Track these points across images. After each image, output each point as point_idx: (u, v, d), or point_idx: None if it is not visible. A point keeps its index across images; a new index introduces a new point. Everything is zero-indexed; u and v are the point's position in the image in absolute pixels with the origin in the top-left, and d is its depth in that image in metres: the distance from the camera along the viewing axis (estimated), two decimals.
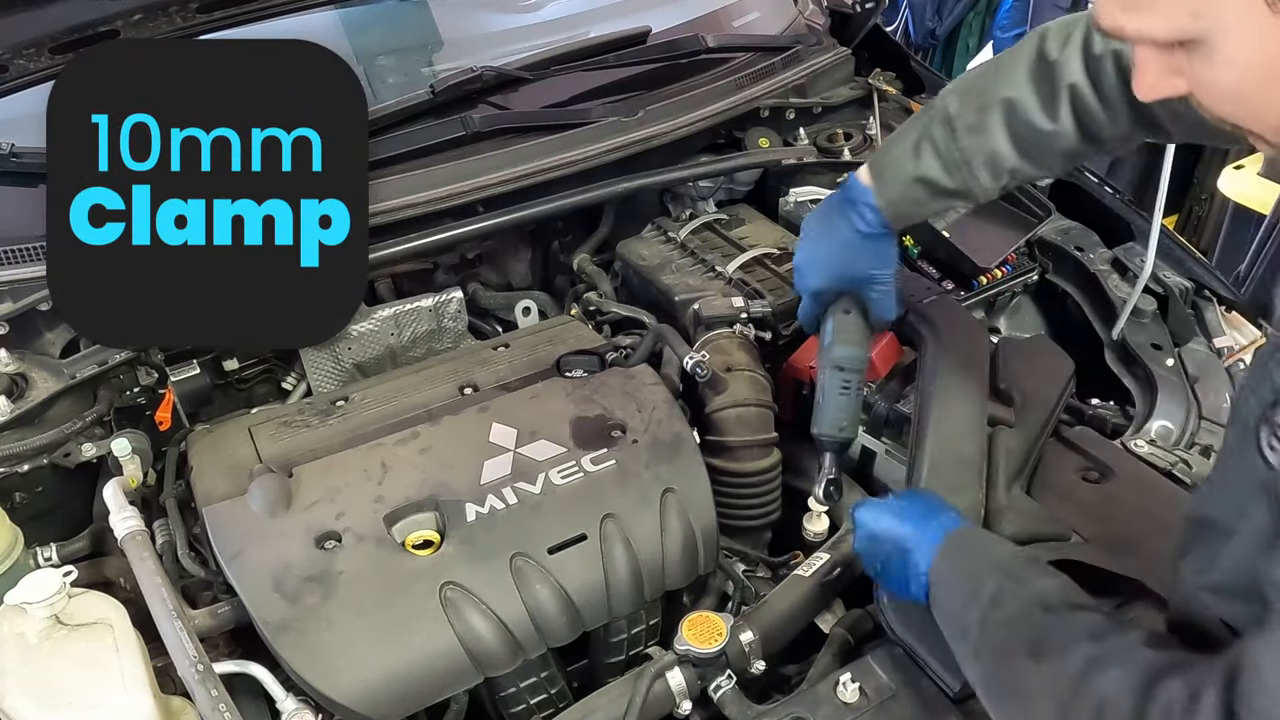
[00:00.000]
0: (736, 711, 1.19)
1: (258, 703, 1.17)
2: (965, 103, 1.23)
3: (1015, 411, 1.46)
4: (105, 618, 1.11)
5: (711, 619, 1.23)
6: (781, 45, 2.04)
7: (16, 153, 1.48)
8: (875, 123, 2.00)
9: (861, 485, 1.56)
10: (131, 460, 1.36)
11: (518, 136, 1.75)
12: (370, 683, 1.14)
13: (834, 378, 1.37)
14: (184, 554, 1.27)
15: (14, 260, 1.45)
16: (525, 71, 1.81)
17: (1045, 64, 1.19)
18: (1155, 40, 0.73)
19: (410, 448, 1.34)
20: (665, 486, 1.31)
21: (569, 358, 1.49)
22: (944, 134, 1.24)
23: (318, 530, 1.22)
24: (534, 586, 1.21)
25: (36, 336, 1.48)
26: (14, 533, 1.23)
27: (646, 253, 1.81)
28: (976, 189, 1.25)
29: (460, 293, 1.75)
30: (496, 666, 1.20)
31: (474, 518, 1.25)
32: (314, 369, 1.68)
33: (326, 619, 1.15)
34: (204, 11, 1.58)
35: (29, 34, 1.48)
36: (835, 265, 1.34)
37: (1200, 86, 0.73)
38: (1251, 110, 0.73)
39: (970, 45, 4.48)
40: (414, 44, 1.93)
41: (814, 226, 1.38)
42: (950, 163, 1.24)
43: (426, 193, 1.65)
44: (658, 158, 1.82)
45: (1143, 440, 1.47)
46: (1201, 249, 3.26)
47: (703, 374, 1.44)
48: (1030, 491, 1.38)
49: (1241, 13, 0.66)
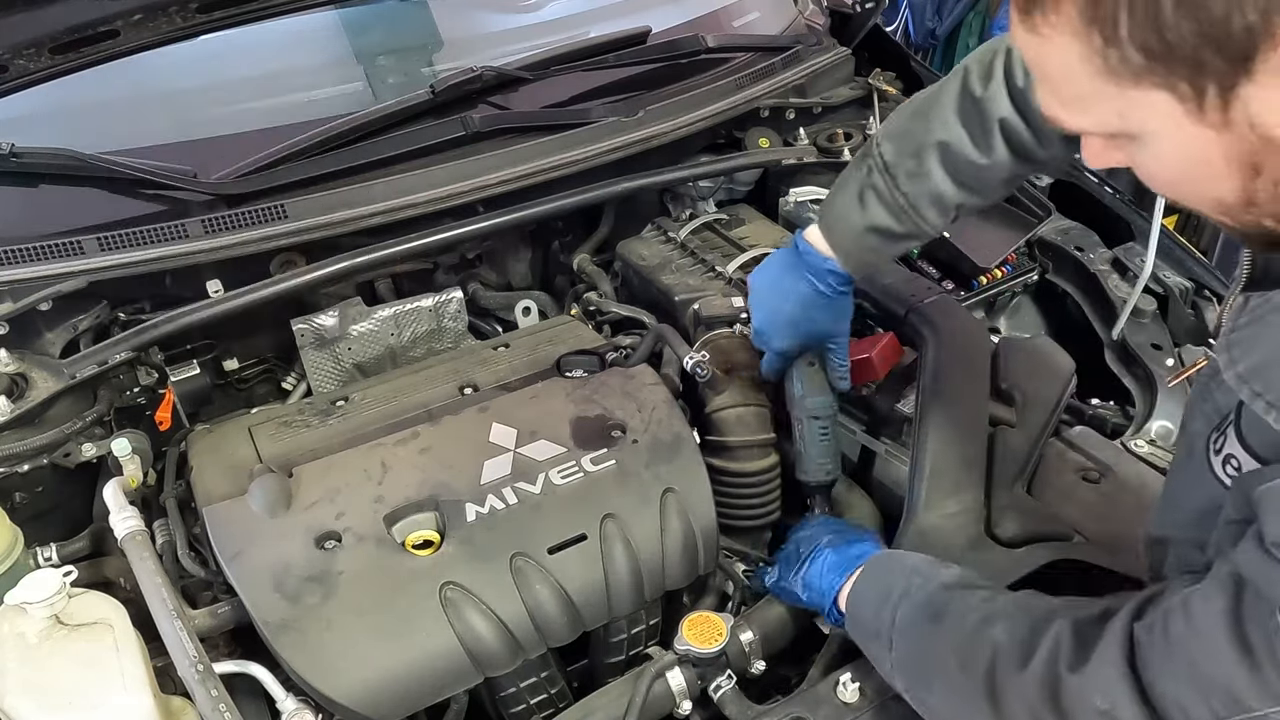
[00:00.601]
0: (736, 711, 1.19)
1: (258, 703, 1.17)
2: (901, 150, 1.25)
3: (1016, 411, 1.46)
4: (105, 618, 1.11)
5: (712, 619, 1.23)
6: (781, 45, 2.04)
7: (16, 153, 1.48)
8: (875, 123, 2.00)
9: (861, 485, 1.56)
10: (131, 460, 1.36)
11: (518, 136, 1.75)
12: (370, 683, 1.13)
13: (811, 426, 1.44)
14: (184, 554, 1.27)
15: (14, 260, 1.45)
16: (525, 71, 1.81)
17: (972, 100, 1.21)
18: (1090, 133, 0.76)
19: (410, 448, 1.34)
20: (665, 486, 1.31)
21: (569, 358, 1.49)
22: (885, 182, 1.26)
23: (318, 530, 1.22)
24: (534, 586, 1.21)
25: (36, 336, 1.48)
26: (14, 533, 1.23)
27: (646, 253, 1.81)
28: (927, 228, 1.27)
29: (460, 293, 1.75)
30: (496, 666, 1.19)
31: (474, 518, 1.25)
32: (314, 369, 1.68)
33: (326, 619, 1.15)
34: (204, 11, 1.57)
35: (29, 34, 1.47)
36: (799, 326, 1.39)
37: (1138, 168, 0.75)
38: (1184, 196, 0.76)
39: (970, 45, 4.47)
40: (414, 44, 1.93)
41: (768, 288, 1.40)
42: (896, 209, 1.26)
43: (426, 193, 1.65)
44: (658, 158, 1.82)
45: (1143, 440, 1.47)
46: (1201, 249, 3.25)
47: (703, 374, 1.44)
48: (1031, 491, 1.38)
49: (1162, 120, 0.68)
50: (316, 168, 1.63)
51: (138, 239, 1.49)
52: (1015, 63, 1.17)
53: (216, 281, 1.57)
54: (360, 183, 1.63)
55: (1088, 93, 0.69)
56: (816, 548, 1.27)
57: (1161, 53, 0.63)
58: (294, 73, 1.85)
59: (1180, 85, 0.65)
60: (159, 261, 1.50)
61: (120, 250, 1.49)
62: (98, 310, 1.52)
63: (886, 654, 1.08)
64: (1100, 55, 0.66)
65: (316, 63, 1.88)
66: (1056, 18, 0.67)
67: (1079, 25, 0.66)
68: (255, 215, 1.55)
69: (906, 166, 1.24)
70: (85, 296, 1.49)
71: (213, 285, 1.57)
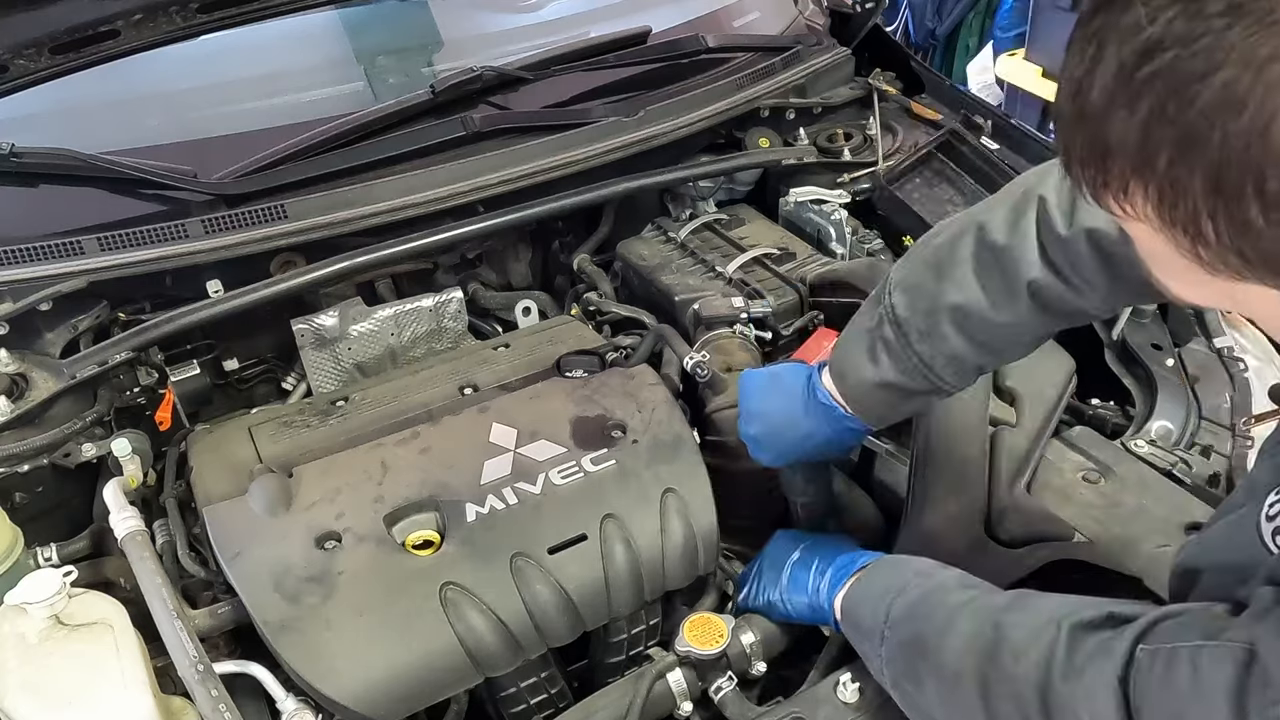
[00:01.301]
0: (737, 712, 1.19)
1: (258, 703, 1.17)
2: (913, 306, 1.12)
3: (1016, 411, 1.46)
4: (105, 618, 1.11)
5: (713, 620, 1.23)
6: (781, 45, 2.04)
7: (16, 153, 1.48)
8: (875, 123, 2.00)
9: (861, 486, 1.56)
10: (131, 460, 1.36)
11: (518, 136, 1.75)
12: (370, 683, 1.13)
13: (806, 513, 1.42)
14: (184, 554, 1.27)
15: (14, 260, 1.45)
16: (525, 71, 1.81)
17: (992, 253, 1.06)
18: (1203, 307, 0.72)
19: (410, 448, 1.34)
20: (665, 486, 1.31)
21: (569, 358, 1.49)
22: (897, 338, 1.13)
23: (318, 530, 1.22)
24: (534, 586, 1.21)
25: (36, 336, 1.48)
26: (14, 533, 1.23)
27: (646, 253, 1.81)
28: (947, 388, 1.15)
29: (460, 293, 1.75)
30: (497, 666, 1.19)
31: (474, 518, 1.25)
32: (314, 369, 1.68)
33: (326, 619, 1.15)
34: (204, 11, 1.58)
35: (29, 34, 1.48)
36: (801, 451, 1.30)
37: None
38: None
39: (970, 45, 4.48)
40: (414, 44, 1.93)
41: (772, 413, 1.28)
42: (910, 368, 1.13)
43: (426, 193, 1.65)
44: (658, 158, 1.83)
45: (1143, 440, 1.47)
46: None
47: (703, 374, 1.44)
48: (1031, 491, 1.38)
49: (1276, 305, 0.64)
50: (316, 168, 1.63)
51: (138, 239, 1.50)
52: (1052, 212, 1.02)
53: (216, 281, 1.57)
54: (360, 183, 1.63)
55: (1190, 279, 0.63)
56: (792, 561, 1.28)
57: (1258, 259, 0.58)
58: (294, 73, 1.85)
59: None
60: (159, 261, 1.51)
61: (120, 250, 1.49)
62: (98, 310, 1.52)
63: (878, 649, 1.07)
64: (1191, 253, 0.60)
65: (316, 63, 1.88)
66: (1132, 208, 0.61)
67: (1157, 223, 0.60)
68: (255, 215, 1.55)
69: (918, 325, 1.11)
70: (85, 296, 1.49)
71: (213, 285, 1.57)
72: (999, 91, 4.06)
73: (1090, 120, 0.61)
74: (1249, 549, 0.82)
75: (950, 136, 1.95)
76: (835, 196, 1.91)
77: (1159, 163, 0.57)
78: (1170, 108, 0.56)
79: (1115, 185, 0.61)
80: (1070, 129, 0.63)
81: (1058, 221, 1.01)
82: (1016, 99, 3.91)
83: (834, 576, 1.22)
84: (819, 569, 1.25)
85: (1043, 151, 1.92)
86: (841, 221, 1.83)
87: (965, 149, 1.93)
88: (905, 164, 1.90)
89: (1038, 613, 0.94)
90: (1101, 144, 0.61)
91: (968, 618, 0.98)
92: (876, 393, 1.18)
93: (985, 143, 1.94)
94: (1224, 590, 0.85)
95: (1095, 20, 0.61)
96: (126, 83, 1.68)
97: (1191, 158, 0.56)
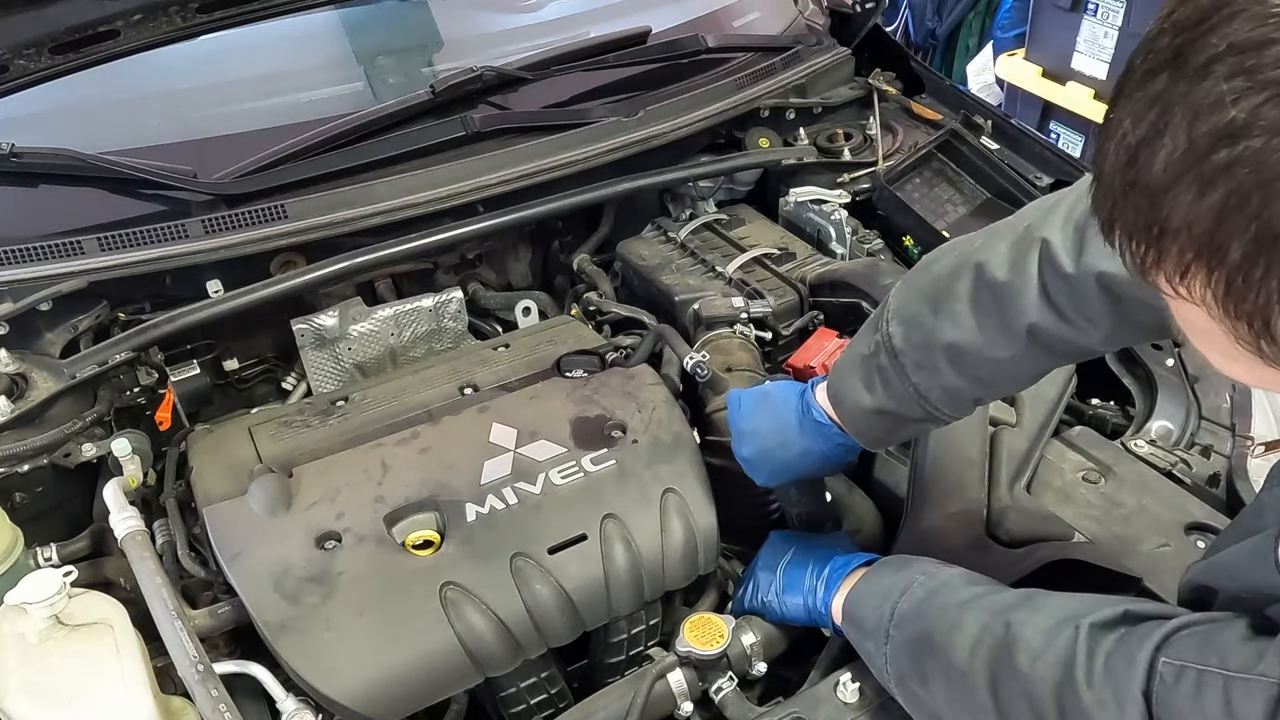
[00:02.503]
0: (737, 713, 1.19)
1: (258, 703, 1.17)
2: (909, 338, 1.09)
3: (1016, 411, 1.46)
4: (105, 618, 1.11)
5: (713, 620, 1.23)
6: (781, 45, 2.04)
7: (16, 153, 1.48)
8: (875, 123, 2.00)
9: (861, 486, 1.56)
10: (131, 460, 1.36)
11: (518, 136, 1.75)
12: (370, 682, 1.13)
13: (803, 522, 1.41)
14: (184, 554, 1.27)
15: (14, 260, 1.45)
16: (525, 71, 1.81)
17: (991, 292, 1.03)
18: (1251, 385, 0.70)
19: (410, 448, 1.34)
20: (665, 486, 1.31)
21: (569, 358, 1.49)
22: (893, 367, 1.11)
23: (318, 530, 1.22)
24: (534, 586, 1.21)
25: (36, 336, 1.48)
26: (14, 533, 1.23)
27: (646, 253, 1.81)
28: (943, 418, 1.14)
29: (460, 293, 1.75)
30: (497, 666, 1.19)
31: (474, 518, 1.25)
32: (314, 369, 1.68)
33: (326, 619, 1.15)
34: (204, 11, 1.58)
35: (29, 34, 1.48)
36: (795, 471, 1.30)
37: None
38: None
39: (970, 45, 4.47)
40: (414, 44, 1.93)
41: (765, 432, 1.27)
42: (905, 398, 1.12)
43: (426, 193, 1.65)
44: (658, 158, 1.83)
45: (1143, 440, 1.47)
46: None
47: (703, 374, 1.44)
48: (1031, 491, 1.38)
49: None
50: (316, 168, 1.63)
51: (138, 239, 1.50)
52: (1057, 251, 0.97)
53: (216, 281, 1.57)
54: (360, 183, 1.63)
55: (1242, 363, 0.60)
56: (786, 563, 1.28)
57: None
58: (294, 73, 1.85)
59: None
60: (159, 261, 1.51)
61: (120, 250, 1.49)
62: (98, 310, 1.52)
63: (882, 648, 1.07)
64: (1252, 345, 0.56)
65: (316, 63, 1.88)
66: (1188, 292, 0.57)
67: (1218, 312, 0.56)
68: (255, 215, 1.56)
69: (914, 357, 1.09)
70: (85, 296, 1.49)
71: (213, 285, 1.57)
72: (999, 91, 4.06)
73: (1146, 194, 0.57)
74: (1264, 573, 0.80)
75: (950, 136, 1.95)
76: (835, 196, 1.91)
77: (1231, 254, 0.53)
78: (1254, 201, 0.52)
79: (1171, 267, 0.57)
80: (1119, 197, 0.59)
81: (1063, 261, 0.97)
82: (1016, 99, 3.91)
83: (829, 578, 1.22)
84: (814, 570, 1.25)
85: (1042, 152, 1.92)
86: (841, 221, 1.83)
87: (965, 149, 1.93)
88: (905, 164, 1.90)
89: (1050, 612, 0.93)
90: (1159, 222, 0.56)
91: (976, 615, 0.98)
92: (872, 418, 1.17)
93: (985, 143, 1.94)
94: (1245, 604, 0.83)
95: (1156, 83, 0.56)
96: (126, 83, 1.68)
97: (1273, 255, 0.52)
